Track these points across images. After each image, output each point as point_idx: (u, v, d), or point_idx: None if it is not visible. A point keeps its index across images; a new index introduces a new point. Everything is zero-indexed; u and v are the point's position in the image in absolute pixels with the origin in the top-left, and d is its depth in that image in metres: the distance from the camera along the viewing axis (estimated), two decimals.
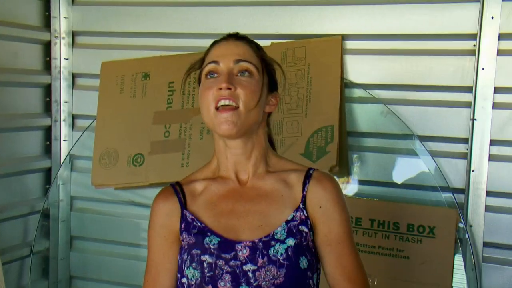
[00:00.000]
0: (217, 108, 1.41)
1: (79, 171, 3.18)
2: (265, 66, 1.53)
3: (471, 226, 2.46)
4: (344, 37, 2.62)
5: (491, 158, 2.42)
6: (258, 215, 1.50)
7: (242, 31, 1.63)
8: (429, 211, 2.52)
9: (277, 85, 1.57)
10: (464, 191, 2.48)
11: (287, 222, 1.48)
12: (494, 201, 2.45)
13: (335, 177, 1.69)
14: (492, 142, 2.41)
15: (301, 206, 1.49)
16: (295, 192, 1.52)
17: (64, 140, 3.18)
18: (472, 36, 2.42)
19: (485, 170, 2.42)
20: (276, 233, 1.47)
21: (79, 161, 3.17)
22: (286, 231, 1.47)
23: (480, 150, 2.42)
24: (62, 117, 3.16)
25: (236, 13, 2.82)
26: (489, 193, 2.43)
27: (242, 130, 1.43)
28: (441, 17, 2.52)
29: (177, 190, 1.57)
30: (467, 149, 2.46)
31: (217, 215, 1.52)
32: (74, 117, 3.21)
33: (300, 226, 1.48)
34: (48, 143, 3.15)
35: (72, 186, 3.23)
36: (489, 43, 2.38)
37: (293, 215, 1.48)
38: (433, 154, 2.54)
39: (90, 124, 3.04)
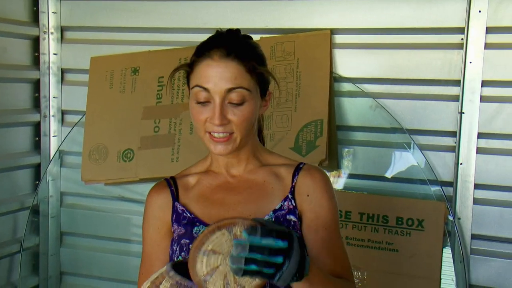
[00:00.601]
0: (209, 133, 1.41)
1: (68, 166, 3.17)
2: (257, 77, 1.46)
3: (459, 218, 2.47)
4: (333, 31, 2.62)
5: (479, 151, 2.44)
6: (248, 206, 1.51)
7: (231, 25, 1.60)
8: (418, 204, 2.53)
9: (268, 84, 1.51)
10: (453, 184, 2.50)
11: (275, 211, 1.48)
12: (482, 194, 2.46)
13: (324, 170, 1.69)
14: (480, 135, 2.43)
15: (290, 196, 1.50)
16: (284, 183, 1.53)
17: (53, 136, 3.17)
18: (460, 30, 2.44)
19: (473, 163, 2.44)
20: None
21: (69, 156, 3.15)
22: (273, 219, 1.48)
23: (468, 143, 2.44)
24: (51, 113, 3.15)
25: (226, 8, 2.81)
26: (477, 186, 2.45)
27: (237, 149, 1.44)
28: (429, 11, 2.52)
29: (170, 183, 1.58)
30: (455, 142, 2.47)
31: (208, 207, 1.53)
32: (63, 112, 3.19)
33: (287, 216, 1.49)
34: (37, 138, 3.15)
35: (62, 182, 3.21)
36: (476, 37, 2.40)
37: (281, 205, 1.49)
38: (422, 148, 2.55)
39: (80, 119, 3.03)
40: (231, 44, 1.43)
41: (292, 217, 1.48)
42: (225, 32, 1.48)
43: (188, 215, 1.53)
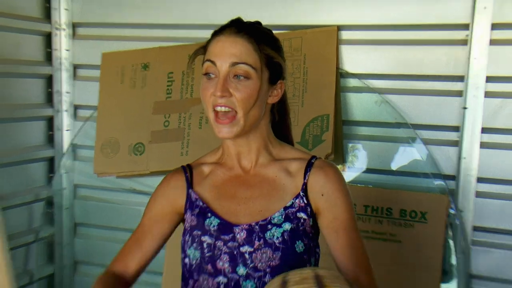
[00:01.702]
0: (215, 112, 1.41)
1: (81, 160, 3.19)
2: (267, 59, 1.47)
3: (461, 211, 2.48)
4: (339, 28, 2.62)
5: (482, 145, 2.44)
6: (258, 201, 1.51)
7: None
8: (421, 197, 2.53)
9: (283, 74, 1.52)
10: (455, 177, 2.50)
11: (286, 208, 1.48)
12: (484, 187, 2.47)
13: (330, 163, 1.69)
14: (484, 130, 2.42)
15: (301, 193, 1.49)
16: (296, 180, 1.52)
17: (66, 130, 3.19)
18: (465, 26, 2.43)
19: (476, 157, 2.44)
20: (273, 218, 1.48)
21: (82, 150, 3.17)
22: (283, 216, 1.48)
23: (471, 137, 2.44)
24: (64, 108, 3.16)
25: (233, 4, 2.78)
26: (479, 180, 2.45)
27: (241, 132, 1.44)
28: (434, 7, 2.51)
29: (186, 170, 1.59)
30: (459, 137, 2.48)
31: (220, 198, 1.54)
32: (76, 107, 3.21)
33: (298, 213, 1.49)
34: (51, 133, 3.16)
35: (75, 174, 3.24)
36: (481, 33, 2.38)
37: (292, 202, 1.49)
38: (426, 142, 2.55)
39: (92, 114, 3.04)
40: (243, 24, 1.46)
41: (302, 215, 1.48)
42: (241, 19, 1.49)
43: (201, 203, 1.54)
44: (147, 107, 2.89)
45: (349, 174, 2.69)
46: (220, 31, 1.46)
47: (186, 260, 1.54)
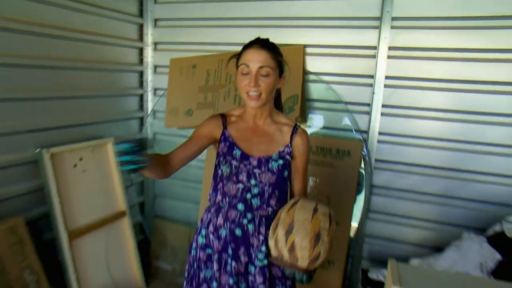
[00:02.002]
0: (248, 94, 1.53)
1: (158, 118, 3.31)
2: (278, 63, 1.55)
3: (369, 150, 2.65)
4: (305, 46, 2.72)
5: (382, 114, 2.61)
6: (264, 145, 1.63)
7: (246, 43, 1.64)
8: (348, 142, 2.66)
9: (283, 70, 1.60)
10: (367, 132, 2.66)
11: (279, 152, 1.62)
12: (382, 137, 2.63)
13: (302, 126, 1.81)
14: (383, 106, 2.59)
15: (289, 145, 1.63)
16: (285, 137, 1.64)
17: (150, 102, 3.33)
18: (374, 47, 2.58)
19: (378, 120, 2.61)
20: (273, 156, 1.61)
21: (158, 113, 3.30)
22: (278, 156, 1.62)
23: (376, 110, 2.60)
24: (149, 89, 3.30)
25: (241, 33, 2.88)
26: (379, 133, 2.63)
27: (262, 105, 1.56)
28: (358, 37, 2.61)
29: (222, 116, 1.67)
30: (369, 109, 2.63)
31: (241, 139, 1.63)
32: (155, 89, 3.32)
33: (286, 156, 1.63)
34: (141, 103, 3.32)
35: (155, 127, 3.36)
36: (383, 51, 2.53)
37: (283, 149, 1.63)
38: (352, 112, 2.70)
39: (164, 93, 3.18)
40: (263, 42, 1.55)
41: (288, 157, 1.62)
42: (261, 38, 1.58)
43: (231, 140, 1.62)
44: (195, 89, 2.96)
45: (309, 129, 2.76)
46: (250, 45, 1.55)
47: (219, 172, 1.63)
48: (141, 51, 3.26)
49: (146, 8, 3.18)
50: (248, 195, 1.60)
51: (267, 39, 1.58)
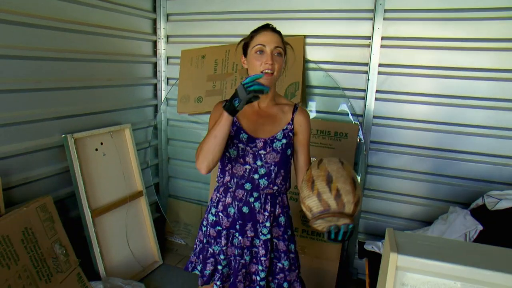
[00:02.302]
0: (262, 71, 1.48)
1: (170, 105, 3.31)
2: (285, 46, 1.57)
3: (364, 133, 2.66)
4: (305, 36, 2.73)
5: (376, 99, 2.63)
6: (268, 126, 1.61)
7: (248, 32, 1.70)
8: (345, 125, 2.65)
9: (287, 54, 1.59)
10: (362, 115, 2.67)
11: (283, 130, 1.61)
12: (377, 121, 2.65)
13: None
14: (377, 91, 2.61)
15: (291, 123, 1.62)
16: (287, 116, 1.63)
17: (163, 91, 3.32)
18: (368, 37, 2.60)
19: (373, 105, 2.62)
20: (277, 135, 1.60)
21: (171, 101, 3.30)
22: (282, 135, 1.60)
23: (371, 94, 2.62)
24: (162, 78, 3.29)
25: (246, 25, 2.58)
26: (374, 117, 2.65)
27: (271, 83, 1.53)
28: (355, 28, 2.62)
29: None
30: (365, 95, 2.64)
31: (247, 123, 1.61)
32: (168, 78, 3.31)
33: (289, 133, 1.61)
34: (155, 92, 3.33)
35: (168, 113, 3.36)
36: (376, 41, 2.54)
37: (286, 127, 1.61)
38: (348, 97, 2.71)
39: (176, 82, 3.17)
40: (274, 28, 1.57)
41: (290, 134, 1.62)
42: (267, 24, 1.58)
43: (238, 124, 1.60)
44: (204, 78, 2.97)
45: (310, 114, 2.46)
46: (263, 28, 1.55)
47: (227, 154, 1.61)
48: (154, 43, 3.27)
49: (159, 4, 3.19)
50: (256, 176, 1.59)
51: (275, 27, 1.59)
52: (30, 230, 2.02)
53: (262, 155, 1.59)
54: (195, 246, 1.81)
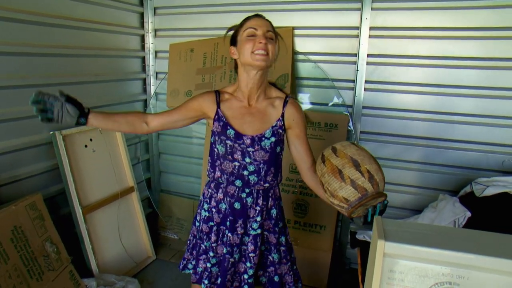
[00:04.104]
0: (254, 52, 1.45)
1: (160, 100, 3.30)
2: (275, 34, 1.52)
3: (354, 123, 2.68)
4: (294, 28, 2.74)
5: (365, 89, 2.64)
6: (256, 122, 1.57)
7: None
8: (335, 116, 2.68)
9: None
10: (352, 106, 2.68)
11: (272, 127, 1.57)
12: (366, 111, 2.66)
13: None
14: (366, 82, 2.62)
15: (280, 119, 1.57)
16: (277, 111, 1.58)
17: (152, 85, 3.33)
18: (356, 28, 2.60)
19: (362, 95, 2.64)
20: (265, 133, 1.56)
21: (160, 95, 3.30)
22: (271, 133, 1.56)
23: (360, 85, 2.63)
24: (151, 73, 3.30)
25: (234, 17, 2.55)
26: (363, 107, 2.66)
27: (266, 66, 1.48)
28: (341, 18, 2.64)
29: (217, 93, 1.59)
30: (354, 85, 2.66)
31: (234, 118, 1.57)
32: (157, 73, 3.31)
33: (279, 130, 1.57)
34: (144, 86, 3.32)
35: (158, 108, 3.34)
36: (364, 31, 2.56)
37: (276, 123, 1.57)
38: (338, 87, 2.72)
39: (165, 76, 3.17)
40: (263, 16, 1.53)
41: (280, 131, 1.58)
42: (257, 14, 1.55)
43: (224, 119, 1.56)
44: (193, 71, 2.98)
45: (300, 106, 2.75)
46: (253, 16, 1.52)
47: (216, 150, 1.61)
48: (142, 37, 3.27)
49: None
50: (245, 172, 1.58)
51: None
52: (20, 229, 2.01)
53: (251, 152, 1.57)
54: (188, 241, 1.81)
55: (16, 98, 2.20)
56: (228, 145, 1.56)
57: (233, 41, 1.57)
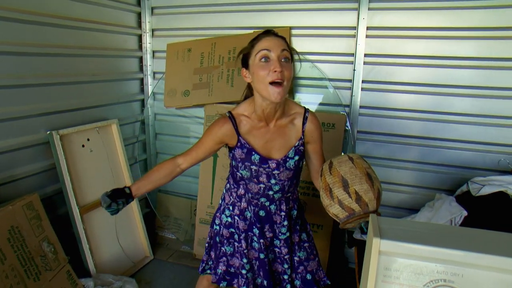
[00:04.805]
0: (270, 83, 1.36)
1: (157, 100, 3.30)
2: (291, 52, 1.44)
3: (351, 123, 2.67)
4: (291, 28, 2.74)
5: (362, 89, 2.64)
6: (278, 143, 1.55)
7: (236, 26, 1.60)
8: (333, 116, 2.67)
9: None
10: (349, 106, 2.68)
11: (294, 146, 1.56)
12: (363, 111, 2.66)
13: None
14: (363, 81, 2.62)
15: (302, 136, 1.57)
16: (297, 128, 1.57)
17: (150, 85, 3.31)
18: (353, 28, 2.60)
19: (359, 95, 2.64)
20: (289, 154, 1.55)
21: (157, 95, 3.29)
22: (294, 152, 1.56)
23: (357, 85, 2.63)
24: (149, 73, 3.29)
25: (234, 17, 2.88)
26: (360, 107, 2.66)
27: (282, 98, 1.41)
28: (338, 18, 2.62)
29: (232, 118, 1.53)
30: (351, 84, 2.65)
31: (257, 142, 1.54)
32: (154, 73, 3.31)
33: (300, 148, 1.57)
34: (142, 86, 3.31)
35: (155, 107, 3.35)
36: (361, 31, 2.55)
37: (298, 142, 1.57)
38: (335, 87, 2.71)
39: (162, 76, 3.18)
40: (276, 33, 1.44)
41: (301, 148, 1.57)
42: (269, 30, 1.47)
43: (248, 146, 1.53)
44: (190, 71, 2.97)
45: None
46: (264, 34, 1.43)
47: (239, 174, 1.59)
48: (140, 37, 3.27)
49: None
50: (270, 192, 1.60)
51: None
52: (17, 229, 2.00)
53: (276, 175, 1.58)
54: (206, 244, 1.83)
55: (13, 97, 2.20)
56: (253, 170, 1.56)
57: (245, 63, 1.50)
